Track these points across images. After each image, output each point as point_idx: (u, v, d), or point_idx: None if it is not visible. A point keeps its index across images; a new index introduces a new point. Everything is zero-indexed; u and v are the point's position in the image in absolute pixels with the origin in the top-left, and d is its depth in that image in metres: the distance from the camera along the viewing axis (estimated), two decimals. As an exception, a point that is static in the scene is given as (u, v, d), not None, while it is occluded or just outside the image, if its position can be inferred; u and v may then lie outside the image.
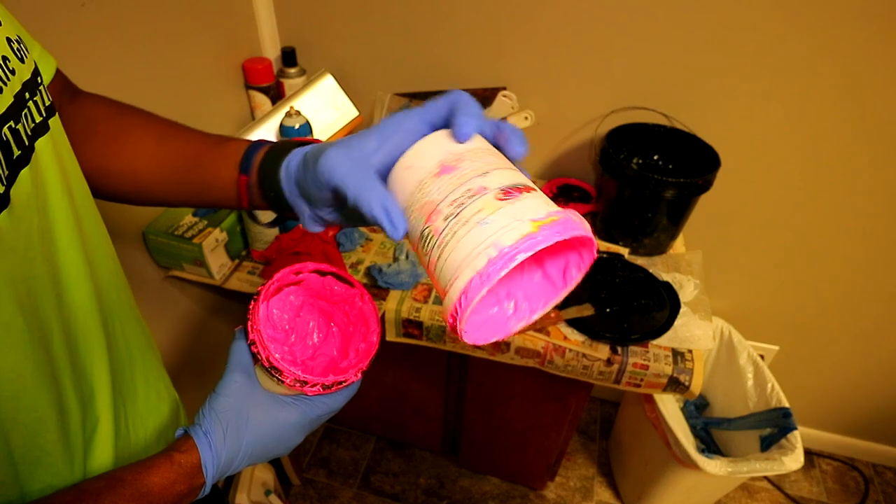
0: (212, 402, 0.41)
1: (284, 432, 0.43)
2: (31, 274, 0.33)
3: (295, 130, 0.90)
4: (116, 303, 0.45)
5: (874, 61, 0.88)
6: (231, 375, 0.42)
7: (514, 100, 1.08)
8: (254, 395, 0.42)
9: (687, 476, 1.12)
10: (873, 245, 1.09)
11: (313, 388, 0.43)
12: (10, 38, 0.32)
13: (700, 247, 1.06)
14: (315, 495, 1.40)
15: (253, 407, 0.41)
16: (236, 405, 0.41)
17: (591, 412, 1.62)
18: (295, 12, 1.10)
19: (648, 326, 0.85)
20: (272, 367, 0.42)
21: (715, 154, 0.94)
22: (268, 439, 0.42)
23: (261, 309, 0.45)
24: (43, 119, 0.34)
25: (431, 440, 1.39)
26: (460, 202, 0.30)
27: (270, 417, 0.42)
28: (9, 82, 0.31)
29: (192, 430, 0.39)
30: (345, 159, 0.33)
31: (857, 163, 0.99)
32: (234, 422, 0.40)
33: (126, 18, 0.78)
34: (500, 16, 1.00)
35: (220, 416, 0.40)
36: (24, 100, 0.32)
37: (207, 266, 0.89)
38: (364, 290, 0.49)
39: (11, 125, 0.30)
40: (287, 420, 0.42)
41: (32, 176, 0.32)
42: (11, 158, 0.30)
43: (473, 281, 0.28)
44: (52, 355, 0.36)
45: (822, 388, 1.37)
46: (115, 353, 0.44)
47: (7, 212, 0.29)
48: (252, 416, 0.41)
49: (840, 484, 1.47)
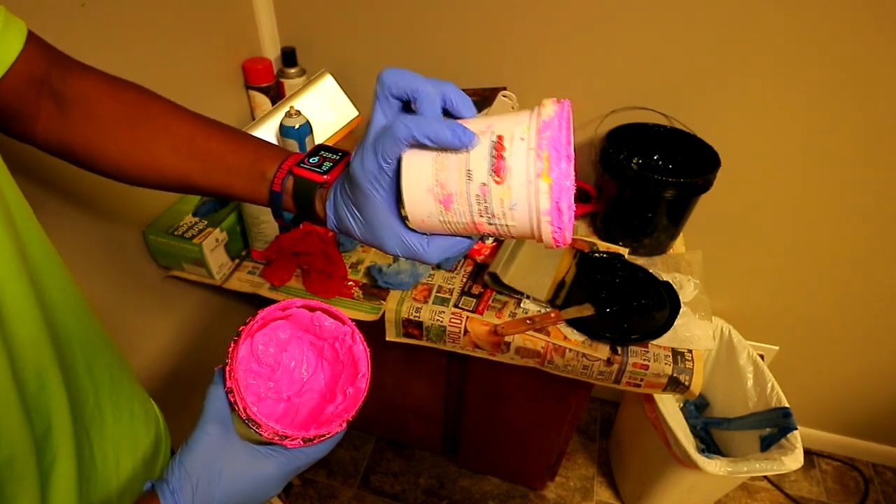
0: (182, 457, 0.39)
1: (260, 486, 0.40)
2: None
3: (295, 130, 0.90)
4: (74, 327, 0.43)
5: (874, 61, 0.88)
6: (204, 427, 0.40)
7: (514, 100, 1.08)
8: (228, 448, 0.40)
9: (687, 476, 1.12)
10: (873, 245, 1.09)
11: (293, 441, 0.40)
12: None
13: (700, 247, 1.06)
14: (315, 495, 1.40)
15: (227, 460, 0.39)
16: (208, 460, 0.39)
17: (591, 412, 1.62)
18: (295, 12, 1.10)
19: (648, 326, 0.85)
20: (249, 419, 0.40)
21: (715, 154, 0.94)
22: (242, 494, 0.39)
23: (241, 348, 0.42)
24: None
25: (431, 440, 1.39)
26: (485, 211, 0.33)
27: (246, 471, 0.40)
28: None
29: (159, 488, 0.37)
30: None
31: (857, 162, 0.99)
32: (205, 478, 0.38)
33: (126, 19, 0.78)
34: (501, 16, 1.00)
35: (189, 473, 0.38)
36: None
37: (207, 266, 0.89)
38: (356, 328, 0.45)
39: None
40: (263, 473, 0.40)
41: None
42: None
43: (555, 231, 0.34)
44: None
45: (822, 388, 1.38)
46: (75, 382, 0.42)
47: None
48: (226, 470, 0.39)
49: (840, 484, 1.47)
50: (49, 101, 0.42)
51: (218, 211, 0.92)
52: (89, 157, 0.44)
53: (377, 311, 0.88)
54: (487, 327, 0.85)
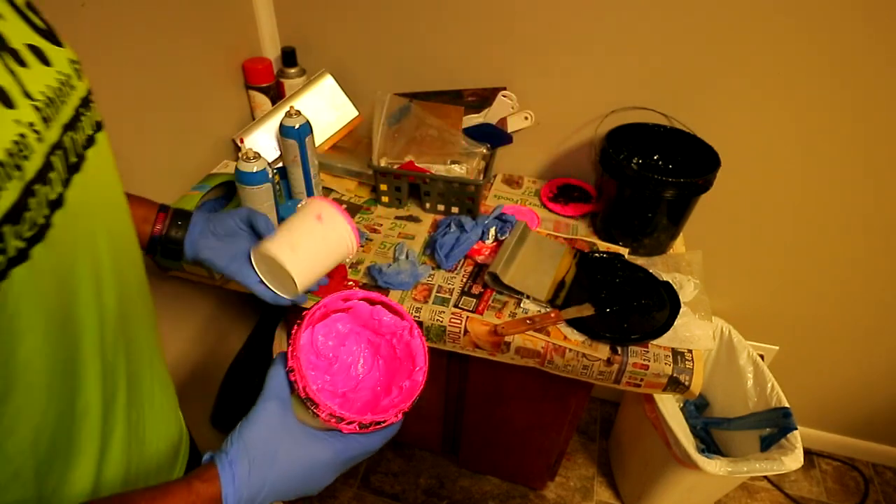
0: (242, 431, 0.40)
1: (314, 471, 0.41)
2: (75, 272, 0.35)
3: (295, 130, 0.90)
4: (141, 309, 0.46)
5: (875, 61, 0.88)
6: (265, 403, 0.41)
7: (514, 100, 1.08)
8: (286, 427, 0.41)
9: (687, 476, 1.12)
10: (873, 245, 1.09)
11: (349, 425, 0.41)
12: (71, 59, 0.37)
13: (700, 247, 1.06)
14: (315, 495, 1.40)
15: (284, 439, 0.40)
16: (266, 436, 0.40)
17: (591, 412, 1.62)
18: (295, 12, 1.10)
19: (648, 326, 0.85)
20: (308, 399, 0.40)
21: (715, 154, 0.94)
22: (295, 477, 0.40)
23: (303, 336, 0.43)
24: (92, 133, 0.38)
25: (431, 440, 1.39)
26: None
27: (301, 453, 0.40)
28: (70, 97, 0.35)
29: (218, 459, 0.38)
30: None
31: (856, 162, 0.99)
32: (261, 454, 0.39)
33: (126, 19, 0.78)
34: (501, 16, 1.00)
35: (248, 447, 0.39)
36: (80, 114, 0.36)
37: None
38: (414, 323, 0.47)
39: (71, 135, 0.35)
40: (318, 458, 0.41)
41: (83, 182, 0.35)
42: (68, 164, 0.34)
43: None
44: (81, 352, 0.36)
45: (822, 388, 1.38)
46: (135, 357, 0.44)
47: (61, 212, 0.33)
48: (282, 450, 0.40)
49: (840, 484, 1.47)
50: None
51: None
52: None
53: (377, 311, 0.88)
54: (487, 327, 0.85)
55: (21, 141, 0.29)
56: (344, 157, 1.14)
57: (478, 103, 1.10)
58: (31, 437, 0.34)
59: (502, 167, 1.20)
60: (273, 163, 1.05)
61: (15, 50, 0.31)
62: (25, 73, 0.31)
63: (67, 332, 0.35)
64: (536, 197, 1.13)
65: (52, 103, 0.33)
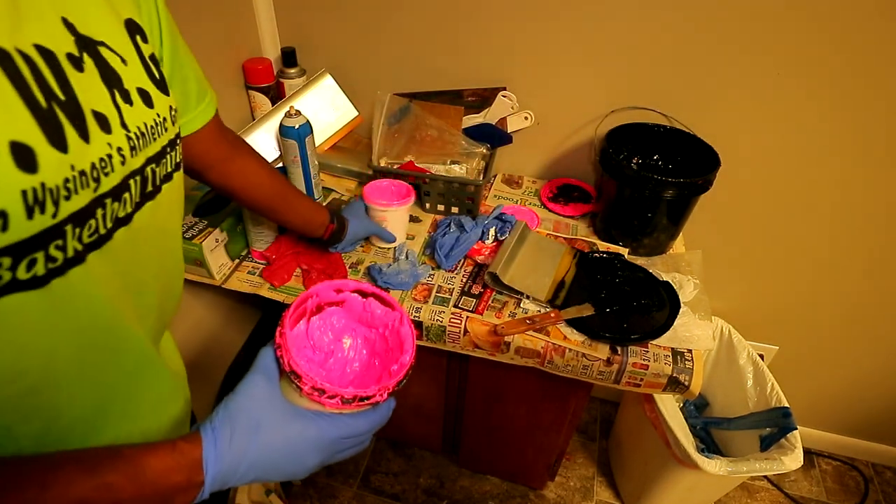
0: (227, 401, 0.41)
1: (297, 448, 0.41)
2: (127, 285, 0.41)
3: (295, 130, 0.90)
4: (167, 324, 0.53)
5: (875, 61, 0.88)
6: (252, 377, 0.42)
7: (514, 100, 1.08)
8: (271, 401, 0.42)
9: (687, 476, 1.12)
10: (873, 245, 1.09)
11: (332, 399, 0.41)
12: (171, 107, 0.43)
13: (700, 247, 1.06)
14: (315, 495, 1.40)
15: (267, 412, 0.41)
16: (250, 407, 0.41)
17: (591, 412, 1.62)
18: (295, 12, 1.10)
19: (648, 326, 0.85)
20: (292, 372, 0.41)
21: (715, 154, 0.94)
22: (277, 451, 0.41)
23: (300, 325, 0.44)
24: (171, 171, 0.43)
25: (431, 440, 1.39)
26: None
27: (284, 427, 0.41)
28: (161, 137, 0.41)
29: (202, 426, 0.40)
30: None
31: (857, 162, 0.99)
32: (244, 424, 0.40)
33: (126, 18, 0.78)
34: (500, 16, 1.00)
35: (231, 416, 0.40)
36: (166, 152, 0.42)
37: (207, 266, 0.89)
38: (405, 313, 0.48)
39: (153, 167, 0.40)
40: (301, 434, 0.41)
41: (153, 210, 0.41)
42: (145, 191, 0.40)
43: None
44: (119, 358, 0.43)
45: (822, 388, 1.38)
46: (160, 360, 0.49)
47: (125, 229, 0.38)
48: (265, 421, 0.40)
49: (840, 484, 1.47)
50: (222, 164, 0.67)
51: (218, 211, 0.92)
52: (241, 203, 0.78)
53: (377, 311, 0.88)
54: (487, 327, 0.85)
55: (106, 160, 0.35)
56: (344, 157, 1.14)
57: (478, 103, 1.10)
58: (44, 427, 0.38)
59: (502, 167, 1.20)
60: (273, 163, 1.05)
61: (127, 90, 0.38)
62: (128, 110, 0.38)
63: (107, 340, 0.39)
64: (536, 197, 1.13)
65: (144, 138, 0.39)
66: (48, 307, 0.33)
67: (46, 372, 0.35)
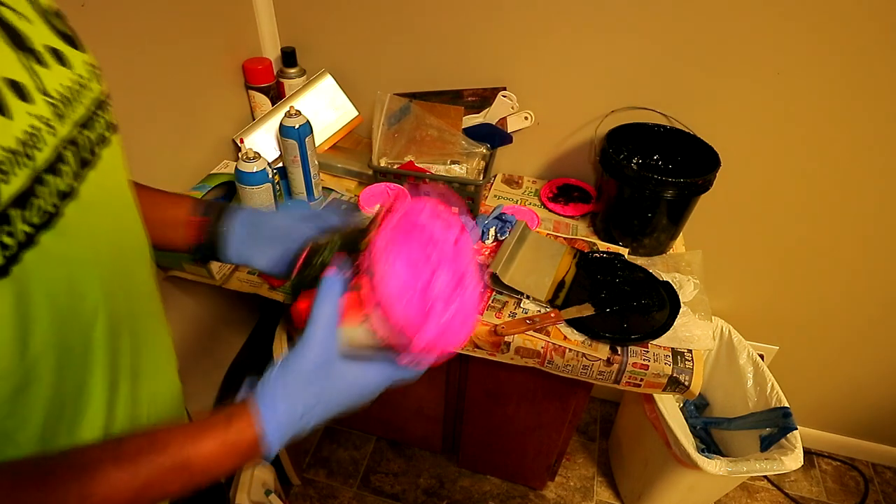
0: (286, 365, 0.39)
1: (361, 397, 0.42)
2: (85, 263, 0.37)
3: (295, 130, 0.90)
4: (148, 306, 0.49)
5: (875, 61, 0.88)
6: (313, 332, 0.40)
7: (514, 100, 1.08)
8: (332, 361, 0.40)
9: (687, 476, 1.12)
10: (873, 245, 1.09)
11: (408, 355, 0.39)
12: (90, 63, 0.39)
13: (700, 247, 1.06)
14: (315, 495, 1.40)
15: (330, 375, 0.40)
16: (310, 370, 0.39)
17: (591, 412, 1.62)
18: (295, 12, 1.10)
19: (648, 326, 0.85)
20: (376, 309, 0.37)
21: (715, 154, 0.94)
22: (340, 406, 0.41)
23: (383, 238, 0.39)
24: (106, 134, 0.40)
25: (431, 440, 1.39)
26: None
27: (348, 386, 0.41)
28: (86, 98, 0.37)
29: (259, 395, 0.38)
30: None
31: (856, 162, 0.99)
32: (303, 390, 0.39)
33: (126, 19, 0.78)
34: (500, 16, 1.00)
35: (289, 383, 0.39)
36: (95, 114, 0.38)
37: (207, 266, 0.89)
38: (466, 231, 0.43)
39: (86, 133, 0.37)
40: (367, 384, 0.42)
41: (97, 179, 0.37)
42: (81, 159, 0.36)
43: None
44: (91, 343, 0.39)
45: (822, 388, 1.38)
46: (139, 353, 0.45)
47: (74, 203, 0.34)
48: (328, 385, 0.40)
49: (840, 484, 1.47)
50: None
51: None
52: None
53: (377, 311, 0.88)
54: (487, 327, 0.85)
55: (33, 132, 0.31)
56: (344, 157, 1.14)
57: (478, 103, 1.10)
58: (40, 424, 0.35)
59: (502, 167, 1.20)
60: (273, 163, 1.05)
61: (36, 51, 0.34)
62: (44, 73, 0.34)
63: (76, 322, 0.36)
64: (536, 197, 1.13)
65: (68, 102, 0.35)
66: (13, 297, 0.31)
67: (26, 366, 0.33)
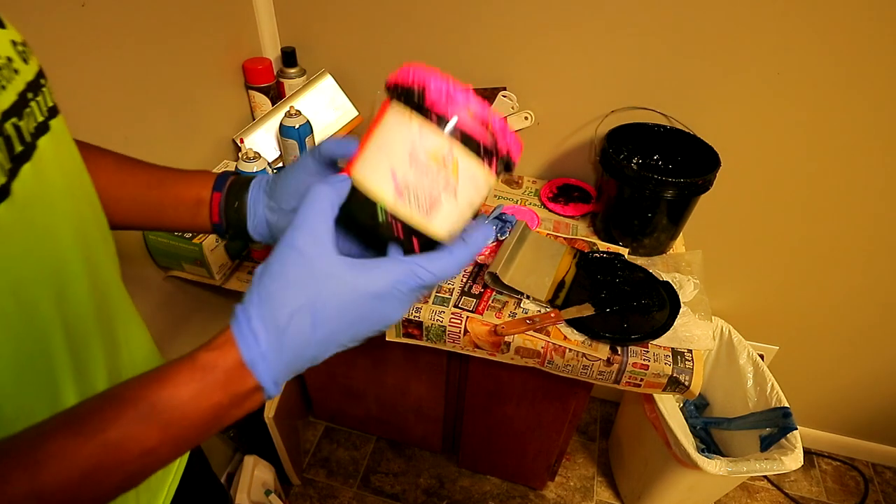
0: (263, 276, 0.31)
1: (374, 310, 0.31)
2: (31, 267, 0.32)
3: (295, 130, 0.90)
4: (118, 306, 0.43)
5: (876, 61, 0.88)
6: (295, 231, 0.31)
7: (514, 100, 1.08)
8: (327, 261, 0.31)
9: (687, 476, 1.12)
10: (874, 245, 1.09)
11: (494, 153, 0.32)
12: (14, 41, 0.33)
13: (700, 247, 1.06)
14: (315, 495, 1.40)
15: (323, 278, 0.30)
16: (298, 276, 0.30)
17: (591, 412, 1.62)
18: (295, 12, 1.10)
19: (648, 326, 0.85)
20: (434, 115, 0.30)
21: (715, 154, 0.94)
22: (349, 321, 0.31)
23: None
24: (45, 119, 0.35)
25: (431, 440, 1.39)
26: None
27: (350, 289, 0.31)
28: (12, 81, 0.32)
29: (233, 318, 0.30)
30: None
31: (856, 162, 0.99)
32: (292, 300, 0.30)
33: (126, 19, 0.78)
34: (500, 16, 1.00)
35: (271, 295, 0.30)
36: (27, 99, 0.33)
37: (208, 266, 0.89)
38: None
39: (14, 122, 0.31)
40: (377, 293, 0.31)
41: (34, 172, 0.32)
42: (13, 153, 0.31)
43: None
44: (52, 351, 0.35)
45: (822, 388, 1.38)
46: (116, 354, 0.42)
47: (7, 203, 0.29)
48: (324, 292, 0.30)
49: (840, 484, 1.47)
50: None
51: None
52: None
53: (377, 311, 0.88)
54: (487, 327, 0.85)
55: None
56: (344, 157, 1.14)
57: (478, 103, 1.10)
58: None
59: (502, 167, 1.20)
60: (273, 163, 1.05)
61: None
62: None
63: (31, 331, 0.32)
64: (536, 197, 1.13)
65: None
66: None
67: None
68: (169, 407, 0.28)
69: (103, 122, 0.79)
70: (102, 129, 0.79)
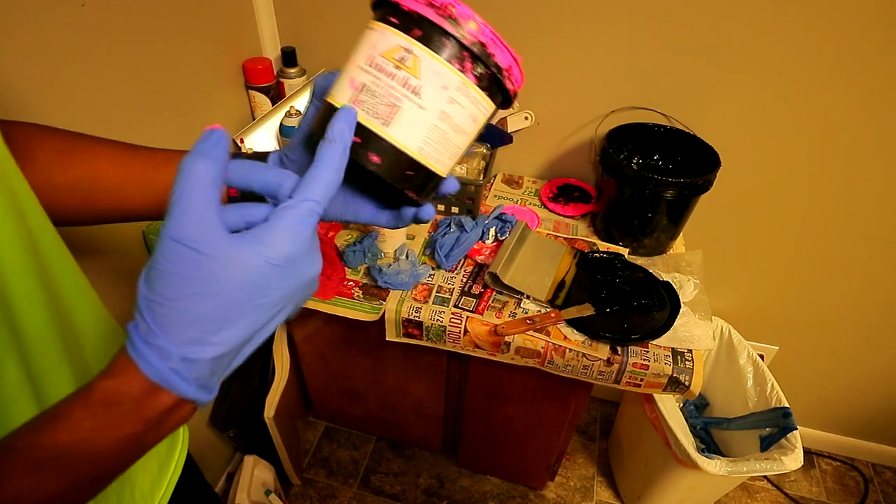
0: (148, 280, 0.25)
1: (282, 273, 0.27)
2: None
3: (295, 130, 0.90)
4: (90, 326, 0.41)
5: (876, 61, 0.88)
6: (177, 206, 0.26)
7: (514, 100, 1.08)
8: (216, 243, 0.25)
9: (687, 476, 1.12)
10: (873, 245, 1.09)
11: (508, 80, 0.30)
12: None
13: (700, 247, 1.06)
14: (315, 495, 1.40)
15: (220, 259, 0.25)
16: (189, 267, 0.25)
17: (591, 412, 1.62)
18: (295, 12, 1.10)
19: (648, 326, 0.85)
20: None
21: (715, 154, 0.94)
22: (267, 297, 0.27)
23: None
24: None
25: (431, 440, 1.39)
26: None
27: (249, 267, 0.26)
28: None
29: (127, 339, 0.26)
30: None
31: (856, 163, 0.99)
32: (190, 301, 0.25)
33: (126, 19, 0.78)
34: (500, 16, 1.00)
35: (168, 301, 0.25)
36: None
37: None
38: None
39: None
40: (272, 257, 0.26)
41: None
42: None
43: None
44: (6, 387, 0.32)
45: (822, 388, 1.38)
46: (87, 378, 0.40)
47: None
48: (223, 276, 0.25)
49: (840, 484, 1.47)
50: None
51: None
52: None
53: (377, 311, 0.88)
54: (487, 327, 0.85)
55: None
56: (344, 157, 1.14)
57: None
58: None
59: (502, 167, 1.20)
60: (273, 163, 1.05)
61: None
62: None
63: None
64: (536, 197, 1.13)
65: None
66: None
67: None
68: (67, 452, 0.25)
69: (103, 122, 0.79)
70: (102, 129, 0.78)
